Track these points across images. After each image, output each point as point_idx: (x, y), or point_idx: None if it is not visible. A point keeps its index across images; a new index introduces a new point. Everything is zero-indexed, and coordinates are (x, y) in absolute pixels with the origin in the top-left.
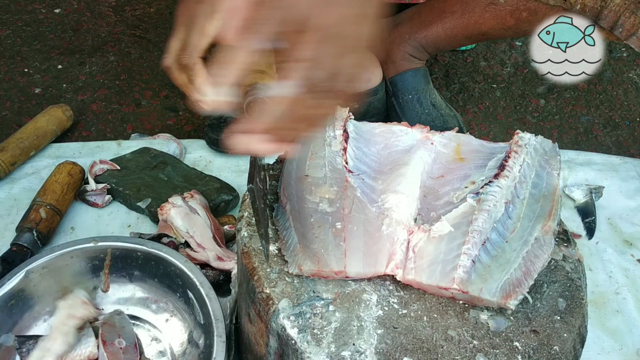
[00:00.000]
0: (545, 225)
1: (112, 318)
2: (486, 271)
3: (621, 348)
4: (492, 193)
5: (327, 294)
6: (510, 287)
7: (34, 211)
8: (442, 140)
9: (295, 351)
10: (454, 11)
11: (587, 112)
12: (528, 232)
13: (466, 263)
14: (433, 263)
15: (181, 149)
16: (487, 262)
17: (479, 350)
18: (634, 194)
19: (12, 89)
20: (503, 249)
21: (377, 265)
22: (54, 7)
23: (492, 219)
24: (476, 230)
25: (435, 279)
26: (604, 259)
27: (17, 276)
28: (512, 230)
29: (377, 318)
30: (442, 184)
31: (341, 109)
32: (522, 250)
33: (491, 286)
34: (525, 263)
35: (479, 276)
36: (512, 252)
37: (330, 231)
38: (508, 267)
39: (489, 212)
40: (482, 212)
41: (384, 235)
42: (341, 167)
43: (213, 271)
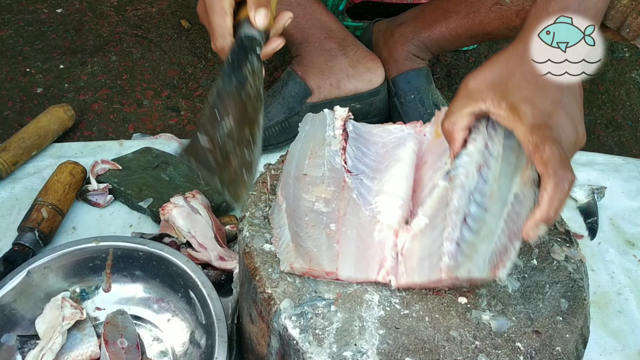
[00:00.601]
0: (524, 175)
1: (115, 318)
2: (471, 248)
3: (623, 349)
4: (463, 165)
5: (328, 294)
6: (497, 257)
7: (36, 211)
8: (432, 129)
9: (296, 351)
10: (458, 11)
11: (589, 113)
12: (506, 191)
13: (450, 248)
14: (421, 260)
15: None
16: (471, 238)
17: (481, 351)
18: (636, 194)
19: (14, 88)
20: (483, 219)
21: (368, 271)
22: (55, 7)
23: (467, 192)
24: (453, 211)
25: (425, 275)
26: (606, 259)
27: (18, 276)
28: (490, 195)
29: (378, 318)
30: (426, 171)
31: (341, 108)
32: (503, 213)
33: (479, 262)
34: (508, 225)
35: (465, 256)
36: (493, 220)
37: (325, 232)
38: (491, 236)
39: (463, 186)
40: (456, 189)
41: (376, 241)
42: (340, 167)
43: (214, 271)
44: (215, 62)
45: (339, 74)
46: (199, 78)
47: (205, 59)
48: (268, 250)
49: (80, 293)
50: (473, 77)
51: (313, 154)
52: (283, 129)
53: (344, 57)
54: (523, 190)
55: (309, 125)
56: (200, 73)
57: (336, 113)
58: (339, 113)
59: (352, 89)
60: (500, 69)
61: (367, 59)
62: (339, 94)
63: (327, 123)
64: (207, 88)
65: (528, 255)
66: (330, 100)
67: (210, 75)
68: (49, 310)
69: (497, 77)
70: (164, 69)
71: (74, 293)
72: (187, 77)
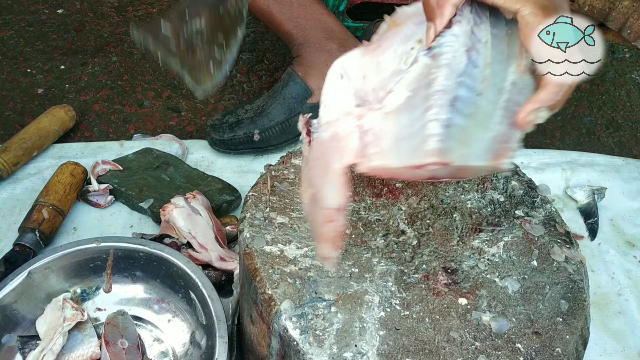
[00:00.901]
0: (520, 63)
1: (116, 318)
2: (465, 133)
3: (623, 349)
4: (448, 44)
5: (329, 295)
6: (498, 145)
7: (37, 211)
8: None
9: (297, 352)
10: None
11: (590, 113)
12: (501, 78)
13: (437, 130)
14: (398, 141)
15: (183, 149)
16: (463, 123)
17: (481, 352)
18: (637, 195)
19: (15, 89)
20: (477, 104)
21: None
22: (56, 8)
23: (455, 73)
24: (439, 91)
25: (404, 158)
26: (606, 260)
27: (19, 276)
28: (482, 80)
29: (379, 319)
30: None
31: None
32: (500, 100)
33: (476, 148)
34: (507, 113)
35: (458, 141)
36: (488, 105)
37: None
38: (488, 122)
39: (449, 66)
40: (441, 68)
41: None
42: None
43: (215, 272)
44: None
45: None
46: None
47: None
48: (268, 251)
49: (80, 294)
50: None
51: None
52: (283, 129)
53: None
54: (522, 78)
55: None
56: None
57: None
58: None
59: None
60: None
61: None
62: None
63: None
64: None
65: (528, 256)
66: None
67: None
68: (50, 311)
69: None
70: (164, 70)
71: (75, 294)
72: None
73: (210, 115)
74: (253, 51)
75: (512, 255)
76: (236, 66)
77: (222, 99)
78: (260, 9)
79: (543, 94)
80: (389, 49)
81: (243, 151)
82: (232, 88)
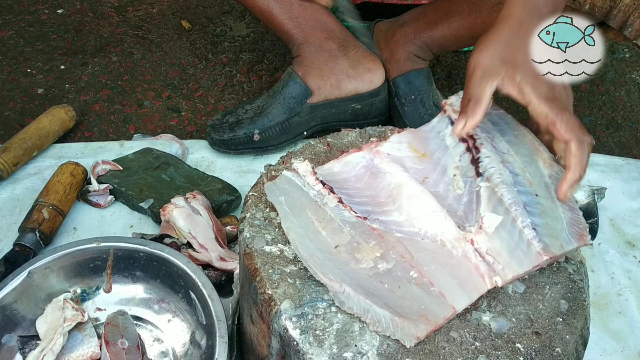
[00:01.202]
0: (542, 158)
1: (116, 318)
2: (549, 229)
3: (623, 349)
4: (490, 165)
5: (329, 295)
6: (574, 228)
7: (37, 211)
8: (393, 146)
9: (297, 352)
10: (460, 11)
11: (590, 113)
12: (539, 175)
13: (533, 234)
14: (510, 252)
15: (183, 149)
16: (542, 221)
17: (481, 352)
18: (637, 195)
19: (15, 89)
20: (540, 203)
21: (478, 286)
22: (56, 8)
23: (510, 186)
24: (512, 203)
25: (525, 264)
26: (606, 260)
27: (19, 276)
28: (529, 183)
29: None
30: (433, 185)
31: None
32: (551, 193)
33: (564, 237)
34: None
35: (549, 236)
36: (547, 201)
37: (412, 284)
38: (557, 214)
39: (504, 182)
40: (499, 185)
41: (460, 257)
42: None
43: (215, 272)
44: (216, 62)
45: (340, 75)
46: (199, 79)
47: (206, 59)
48: (269, 251)
49: (81, 294)
50: (483, 53)
51: (319, 221)
52: (283, 129)
53: (345, 58)
54: (554, 169)
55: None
56: (200, 74)
57: (299, 169)
58: (302, 168)
59: (353, 89)
60: (505, 45)
61: (367, 59)
62: (339, 95)
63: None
64: (208, 89)
65: None
66: (331, 100)
67: (211, 76)
68: (50, 311)
69: (505, 53)
70: (164, 70)
71: (75, 294)
72: (187, 77)
73: (210, 115)
74: (253, 51)
75: None
76: (236, 66)
77: (222, 99)
78: (260, 9)
79: (570, 174)
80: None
81: (243, 151)
82: (232, 88)
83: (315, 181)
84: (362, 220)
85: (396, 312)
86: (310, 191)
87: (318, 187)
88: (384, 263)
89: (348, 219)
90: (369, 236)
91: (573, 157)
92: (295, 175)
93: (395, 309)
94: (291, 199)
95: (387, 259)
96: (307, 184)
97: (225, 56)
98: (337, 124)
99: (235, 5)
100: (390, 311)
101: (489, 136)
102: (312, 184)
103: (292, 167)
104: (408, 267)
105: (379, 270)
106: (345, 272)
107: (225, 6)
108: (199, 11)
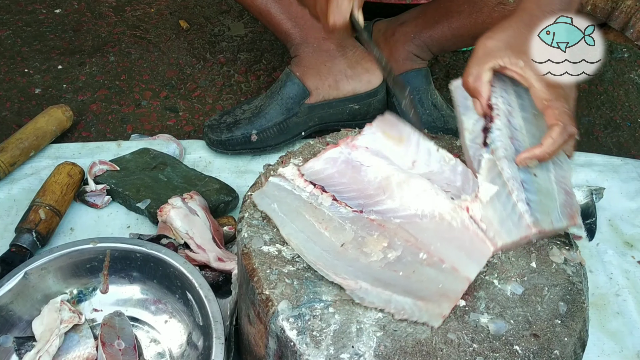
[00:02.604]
0: None
1: (112, 319)
2: (542, 206)
3: (621, 350)
4: (498, 138)
5: (326, 296)
6: (567, 209)
7: (33, 212)
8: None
9: (294, 353)
10: (461, 11)
11: (588, 113)
12: None
13: (525, 208)
14: (502, 222)
15: (181, 149)
16: (536, 198)
17: (478, 354)
18: (635, 195)
19: (12, 89)
20: (537, 182)
21: (483, 251)
22: (54, 8)
23: (512, 162)
24: (510, 178)
25: (514, 234)
26: (604, 260)
27: (16, 277)
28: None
29: (376, 320)
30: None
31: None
32: (550, 176)
33: (555, 215)
34: (560, 185)
35: (541, 212)
36: (545, 182)
37: (425, 266)
38: (552, 194)
39: (507, 157)
40: (502, 159)
41: (458, 227)
42: (352, 214)
43: (212, 272)
44: (214, 62)
45: (338, 75)
46: (197, 78)
47: (203, 59)
48: (266, 251)
49: (77, 294)
50: (489, 37)
51: (319, 222)
52: (281, 130)
53: (343, 58)
54: (558, 157)
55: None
56: (198, 74)
57: (286, 174)
58: (288, 172)
59: (351, 89)
60: (513, 32)
61: (365, 59)
62: (337, 95)
63: (290, 188)
64: (206, 88)
65: (527, 257)
66: (329, 101)
67: (209, 76)
68: (47, 313)
69: (512, 39)
70: (162, 70)
71: (71, 294)
72: (185, 77)
73: (208, 116)
74: (251, 51)
75: (511, 256)
76: (234, 66)
77: (219, 99)
78: (258, 9)
79: (537, 149)
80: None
81: (241, 152)
82: (230, 88)
83: (305, 183)
84: (359, 214)
85: (417, 297)
86: (302, 194)
87: (309, 189)
88: (392, 251)
89: (346, 215)
90: (371, 228)
91: (550, 138)
92: (282, 180)
93: (415, 294)
94: (284, 204)
95: (395, 247)
96: (297, 187)
97: (223, 56)
98: (335, 124)
99: (234, 5)
100: (411, 297)
101: (508, 109)
102: (303, 186)
103: (277, 173)
104: (416, 250)
105: (390, 260)
106: (357, 268)
107: (223, 6)
108: (196, 11)
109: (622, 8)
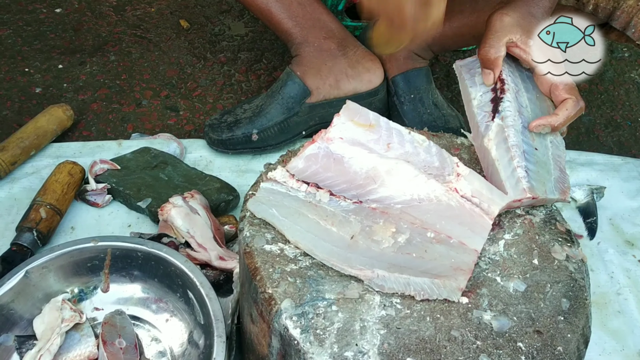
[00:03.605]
0: None
1: (113, 318)
2: (539, 176)
3: (623, 349)
4: (508, 108)
5: (330, 295)
6: (560, 184)
7: (34, 211)
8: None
9: (297, 352)
10: (462, 10)
11: (589, 112)
12: (543, 136)
13: (524, 174)
14: (490, 189)
15: (182, 148)
16: (535, 169)
17: (482, 351)
18: (636, 194)
19: (13, 88)
20: (537, 155)
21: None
22: (54, 7)
23: (518, 132)
24: (514, 145)
25: (510, 196)
26: (605, 259)
27: (17, 276)
28: (532, 139)
29: (380, 318)
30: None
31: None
32: (548, 153)
33: (549, 187)
34: (556, 163)
35: (537, 181)
36: (543, 156)
37: (434, 244)
38: (549, 168)
39: (514, 126)
40: (509, 127)
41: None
42: (351, 206)
43: (213, 271)
44: (214, 62)
45: (338, 74)
46: (197, 78)
47: (204, 59)
48: (269, 250)
49: (78, 293)
50: (505, 14)
51: (324, 219)
52: (282, 129)
53: (343, 58)
54: (556, 139)
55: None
56: (199, 73)
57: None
58: (279, 175)
59: (351, 89)
60: (523, 12)
61: (366, 59)
62: (338, 95)
63: (284, 191)
64: (206, 88)
65: (529, 254)
66: (329, 100)
67: (209, 75)
68: (48, 311)
69: (522, 19)
70: (162, 69)
71: (72, 293)
72: (186, 77)
73: (209, 115)
74: (252, 50)
75: (513, 253)
76: (234, 65)
77: (220, 98)
78: (259, 8)
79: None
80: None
81: (241, 151)
82: (231, 87)
83: (298, 183)
84: (359, 204)
85: (433, 275)
86: (298, 194)
87: (304, 188)
88: (401, 235)
89: (348, 208)
90: (375, 216)
91: (565, 110)
92: (274, 184)
93: (431, 272)
94: (283, 207)
95: (402, 230)
96: (291, 188)
97: (224, 55)
98: None
99: (234, 4)
100: (427, 276)
101: (515, 88)
102: (297, 187)
103: (267, 178)
104: (422, 230)
105: (401, 244)
106: (371, 257)
107: (224, 5)
108: (197, 10)
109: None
